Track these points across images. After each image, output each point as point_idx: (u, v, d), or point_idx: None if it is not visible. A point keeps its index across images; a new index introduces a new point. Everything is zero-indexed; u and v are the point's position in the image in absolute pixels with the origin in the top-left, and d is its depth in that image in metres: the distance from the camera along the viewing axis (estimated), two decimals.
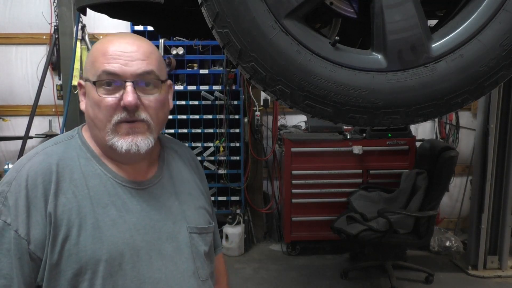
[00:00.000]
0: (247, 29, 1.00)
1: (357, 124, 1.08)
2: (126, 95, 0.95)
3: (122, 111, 0.96)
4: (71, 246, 0.93)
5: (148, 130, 1.00)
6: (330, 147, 3.67)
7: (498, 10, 0.99)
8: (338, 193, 3.70)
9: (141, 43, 1.02)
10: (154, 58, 1.02)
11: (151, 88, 1.01)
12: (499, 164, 3.37)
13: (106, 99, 0.96)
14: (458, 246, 3.75)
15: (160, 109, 1.03)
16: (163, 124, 1.09)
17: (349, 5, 1.12)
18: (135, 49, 0.99)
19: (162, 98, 1.03)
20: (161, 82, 1.02)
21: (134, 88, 0.97)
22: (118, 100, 0.96)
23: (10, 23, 4.09)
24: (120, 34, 1.06)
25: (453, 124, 4.20)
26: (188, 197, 1.13)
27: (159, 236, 1.03)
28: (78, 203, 0.96)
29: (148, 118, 0.99)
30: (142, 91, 0.99)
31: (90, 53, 1.02)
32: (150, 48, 1.03)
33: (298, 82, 1.02)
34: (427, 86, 1.03)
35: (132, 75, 0.97)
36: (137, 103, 0.97)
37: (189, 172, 1.19)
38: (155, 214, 1.04)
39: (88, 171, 1.00)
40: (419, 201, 3.03)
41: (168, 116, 1.12)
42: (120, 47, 0.98)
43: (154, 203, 1.05)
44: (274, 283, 3.37)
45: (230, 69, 3.69)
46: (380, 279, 3.38)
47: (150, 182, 1.07)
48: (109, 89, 0.97)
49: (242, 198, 3.96)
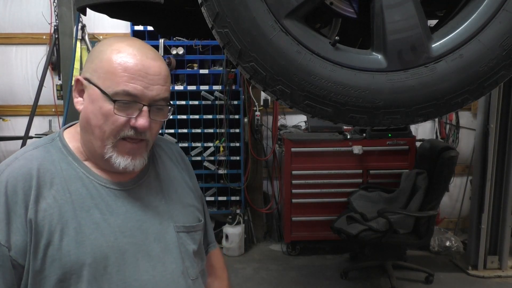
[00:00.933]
0: (247, 29, 1.00)
1: (357, 124, 1.08)
2: (141, 119, 0.96)
3: (130, 129, 0.96)
4: (54, 251, 0.92)
5: (145, 149, 1.02)
6: (330, 147, 3.67)
7: (498, 10, 0.99)
8: (338, 193, 3.70)
9: (161, 63, 1.01)
10: (169, 83, 1.03)
11: (163, 112, 1.02)
12: (499, 164, 3.37)
13: (118, 116, 0.95)
14: (458, 246, 3.75)
15: (159, 128, 1.05)
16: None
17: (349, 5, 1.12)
18: (157, 71, 0.98)
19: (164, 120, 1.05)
20: (169, 108, 1.03)
21: (149, 113, 0.97)
22: (129, 119, 0.96)
23: (10, 23, 4.09)
24: (138, 44, 1.01)
25: (453, 124, 4.20)
26: (175, 195, 1.12)
27: (145, 237, 1.01)
28: (59, 208, 0.94)
29: (149, 137, 1.00)
30: (154, 115, 0.99)
31: (106, 57, 0.96)
32: (167, 71, 1.02)
33: (298, 82, 1.02)
34: (427, 86, 1.03)
35: (151, 100, 0.97)
36: (149, 127, 0.98)
37: (176, 169, 1.18)
38: (141, 215, 1.02)
39: (69, 175, 0.98)
40: (419, 201, 3.03)
41: None
42: (144, 66, 0.96)
43: (139, 204, 1.03)
44: (274, 283, 3.37)
45: (230, 69, 3.69)
46: (380, 279, 3.38)
47: (136, 182, 1.06)
48: (125, 107, 0.95)
49: (242, 198, 3.96)
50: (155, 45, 3.70)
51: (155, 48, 3.64)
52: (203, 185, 3.95)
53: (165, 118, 1.03)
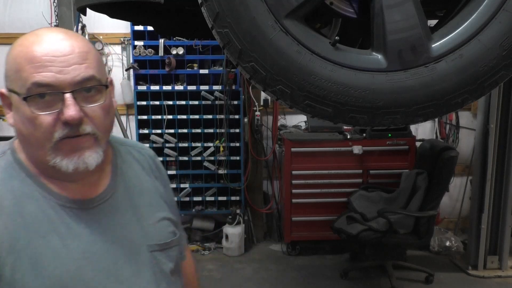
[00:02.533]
0: (247, 29, 1.00)
1: (357, 124, 1.08)
2: (66, 109, 0.80)
3: (64, 127, 0.81)
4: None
5: (95, 143, 0.86)
6: (330, 147, 3.67)
7: (498, 10, 0.99)
8: (338, 193, 3.69)
9: (74, 41, 0.84)
10: (93, 59, 0.86)
11: (94, 93, 0.85)
12: (499, 164, 3.37)
13: (41, 117, 0.80)
14: (458, 246, 3.75)
15: (106, 116, 0.88)
16: (111, 130, 0.94)
17: (349, 5, 1.12)
18: (68, 50, 0.82)
19: (107, 104, 0.88)
20: (105, 87, 0.87)
21: (74, 99, 0.81)
22: (57, 115, 0.81)
23: (10, 23, 4.08)
24: (44, 30, 0.87)
25: (453, 124, 4.20)
26: (148, 209, 0.99)
27: (114, 260, 0.89)
28: (10, 235, 0.81)
29: (94, 130, 0.85)
30: (84, 100, 0.83)
31: (11, 57, 0.83)
32: (86, 47, 0.86)
33: (298, 82, 1.02)
34: (427, 86, 1.03)
35: (70, 84, 0.81)
36: (80, 117, 0.82)
37: (149, 178, 1.04)
38: (108, 236, 0.89)
39: (22, 195, 0.84)
40: (419, 201, 3.03)
41: (114, 119, 0.96)
42: (50, 49, 0.81)
43: (106, 223, 0.90)
44: (274, 283, 3.37)
45: (230, 69, 3.69)
46: (380, 279, 3.38)
47: (101, 198, 0.92)
48: (44, 102, 0.80)
49: (242, 198, 3.96)
50: (155, 45, 3.70)
51: (155, 48, 3.69)
52: (203, 185, 3.95)
53: (102, 101, 0.86)
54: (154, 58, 3.72)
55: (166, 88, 3.79)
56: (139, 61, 3.75)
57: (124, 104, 4.06)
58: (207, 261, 3.75)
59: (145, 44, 3.70)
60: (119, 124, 3.61)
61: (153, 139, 3.82)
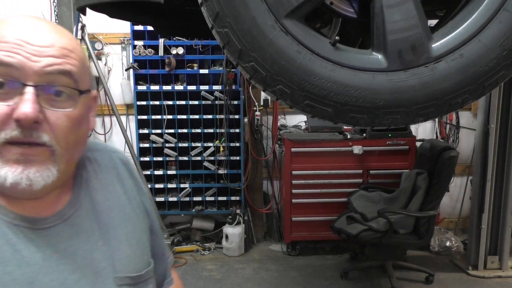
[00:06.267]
0: (247, 29, 1.00)
1: (357, 124, 1.08)
2: (22, 104, 0.65)
3: (15, 127, 0.65)
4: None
5: (50, 159, 0.69)
6: (330, 147, 3.67)
7: (498, 9, 0.99)
8: (338, 193, 3.69)
9: (60, 37, 0.71)
10: (76, 57, 0.71)
11: (64, 99, 0.69)
12: (500, 164, 3.37)
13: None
14: (459, 246, 3.75)
15: (72, 130, 0.71)
16: (76, 149, 0.75)
17: (349, 5, 1.12)
18: (48, 42, 0.68)
19: (78, 115, 0.71)
20: (79, 92, 0.71)
21: (36, 96, 0.66)
22: (11, 110, 0.65)
23: None
24: (36, 18, 0.73)
25: (453, 124, 4.20)
26: (119, 231, 0.81)
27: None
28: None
29: (52, 141, 0.68)
30: (49, 102, 0.68)
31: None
32: (72, 43, 0.72)
33: (298, 82, 1.02)
34: (427, 86, 1.02)
35: (37, 75, 0.66)
36: (37, 118, 0.65)
37: (122, 189, 0.86)
38: (65, 264, 0.71)
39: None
40: (419, 201, 3.03)
41: (87, 137, 0.79)
42: (27, 35, 0.67)
43: (64, 248, 0.72)
44: (274, 283, 3.37)
45: (230, 69, 3.69)
46: (380, 279, 3.38)
47: (60, 216, 0.74)
48: (1, 93, 0.66)
49: (242, 198, 3.96)
50: (155, 45, 3.70)
51: (155, 48, 3.69)
52: (203, 185, 3.95)
53: (71, 109, 0.70)
54: (154, 58, 3.73)
55: (166, 88, 3.79)
56: (139, 61, 3.75)
57: (124, 104, 4.06)
58: (207, 261, 3.75)
59: (145, 44, 3.70)
60: (119, 124, 3.61)
61: (153, 139, 3.82)
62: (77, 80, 0.71)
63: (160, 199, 3.91)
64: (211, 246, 3.96)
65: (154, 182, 3.90)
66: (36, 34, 0.68)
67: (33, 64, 0.66)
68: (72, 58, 0.71)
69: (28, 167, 0.67)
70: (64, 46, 0.70)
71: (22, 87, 0.66)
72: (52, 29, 0.71)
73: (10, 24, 0.69)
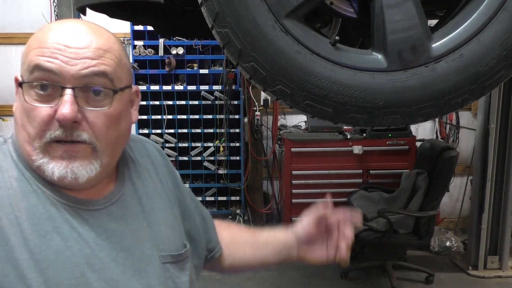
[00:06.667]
0: (247, 29, 1.00)
1: (357, 124, 1.08)
2: (62, 105, 0.71)
3: (58, 126, 0.72)
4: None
5: (92, 155, 0.75)
6: (330, 147, 3.67)
7: (498, 9, 0.99)
8: (338, 193, 3.69)
9: (96, 37, 0.75)
10: (111, 57, 0.76)
11: (102, 98, 0.75)
12: (500, 164, 3.37)
13: (37, 109, 0.72)
14: (459, 246, 3.75)
15: (111, 127, 0.76)
16: (118, 144, 0.81)
17: (349, 5, 1.12)
18: (85, 43, 0.73)
19: (116, 112, 0.77)
20: (113, 91, 0.76)
21: (74, 97, 0.71)
22: (53, 111, 0.72)
23: (10, 23, 4.08)
24: (73, 20, 0.81)
25: (453, 124, 4.20)
26: (160, 214, 0.88)
27: (122, 271, 0.77)
28: (3, 232, 0.70)
29: (92, 139, 0.74)
30: (87, 102, 0.74)
31: (29, 39, 0.76)
32: (108, 43, 0.76)
33: (298, 82, 1.02)
34: (427, 86, 1.02)
35: (74, 77, 0.72)
36: (75, 118, 0.71)
37: (155, 174, 0.93)
38: (116, 242, 0.78)
39: (21, 187, 0.74)
40: (419, 201, 3.03)
41: (129, 131, 0.85)
42: (64, 38, 0.73)
43: (114, 228, 0.79)
44: (274, 283, 3.37)
45: (230, 69, 3.69)
46: (380, 279, 3.38)
47: (109, 199, 0.81)
48: (45, 95, 0.72)
49: (242, 198, 3.96)
50: (155, 45, 3.70)
51: (155, 48, 3.69)
52: (203, 185, 3.95)
53: (107, 107, 0.75)
54: (154, 58, 3.72)
55: (166, 88, 3.79)
56: (139, 61, 3.75)
57: None
58: None
59: (145, 44, 3.70)
60: None
61: (153, 139, 3.82)
62: (113, 79, 0.75)
63: None
64: None
65: None
66: (73, 37, 0.73)
67: (70, 68, 0.71)
68: (107, 58, 0.75)
69: (72, 162, 0.73)
70: (99, 47, 0.74)
71: (62, 89, 0.72)
72: (89, 30, 0.75)
73: (52, 29, 0.74)
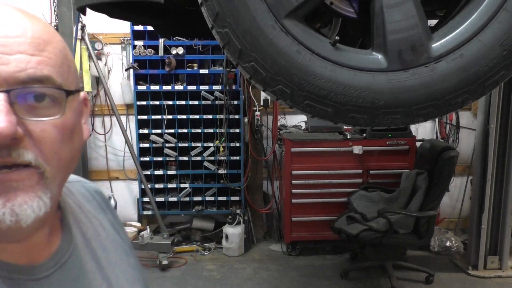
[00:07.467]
0: (247, 29, 1.00)
1: (357, 124, 1.08)
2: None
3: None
4: None
5: (39, 183, 0.51)
6: (330, 147, 3.67)
7: (498, 9, 0.99)
8: (338, 193, 3.69)
9: (32, 23, 0.53)
10: (54, 53, 0.54)
11: (47, 104, 0.52)
12: (500, 164, 3.37)
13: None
14: (459, 246, 3.75)
15: (63, 143, 0.54)
16: (69, 169, 0.58)
17: (349, 5, 1.12)
18: (18, 32, 0.51)
19: (70, 123, 0.55)
20: (66, 93, 0.54)
21: (11, 105, 0.49)
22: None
23: None
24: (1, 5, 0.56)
25: (453, 124, 4.20)
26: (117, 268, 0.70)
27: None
28: None
29: (39, 160, 0.51)
30: (29, 111, 0.51)
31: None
32: (47, 34, 0.54)
33: (298, 82, 1.02)
34: (427, 86, 1.02)
35: (7, 81, 0.49)
36: (15, 133, 0.48)
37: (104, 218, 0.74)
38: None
39: None
40: (419, 201, 3.03)
41: (80, 151, 0.61)
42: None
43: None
44: (274, 283, 3.37)
45: (230, 69, 3.69)
46: (380, 279, 3.38)
47: (57, 260, 0.60)
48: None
49: (242, 198, 3.96)
50: (155, 45, 3.70)
51: (155, 48, 3.69)
52: (203, 185, 3.96)
53: (58, 116, 0.53)
54: (154, 58, 3.73)
55: (166, 88, 3.79)
56: (139, 61, 3.75)
57: (124, 104, 4.06)
58: (207, 261, 3.75)
59: (145, 44, 3.70)
60: (119, 124, 3.61)
61: (153, 139, 3.82)
62: (60, 79, 0.53)
63: (160, 199, 3.91)
64: (211, 246, 3.96)
65: (154, 182, 3.90)
66: (3, 23, 0.51)
67: (2, 68, 0.49)
68: (49, 53, 0.53)
69: (12, 198, 0.49)
70: (37, 36, 0.53)
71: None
72: (22, 15, 0.54)
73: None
